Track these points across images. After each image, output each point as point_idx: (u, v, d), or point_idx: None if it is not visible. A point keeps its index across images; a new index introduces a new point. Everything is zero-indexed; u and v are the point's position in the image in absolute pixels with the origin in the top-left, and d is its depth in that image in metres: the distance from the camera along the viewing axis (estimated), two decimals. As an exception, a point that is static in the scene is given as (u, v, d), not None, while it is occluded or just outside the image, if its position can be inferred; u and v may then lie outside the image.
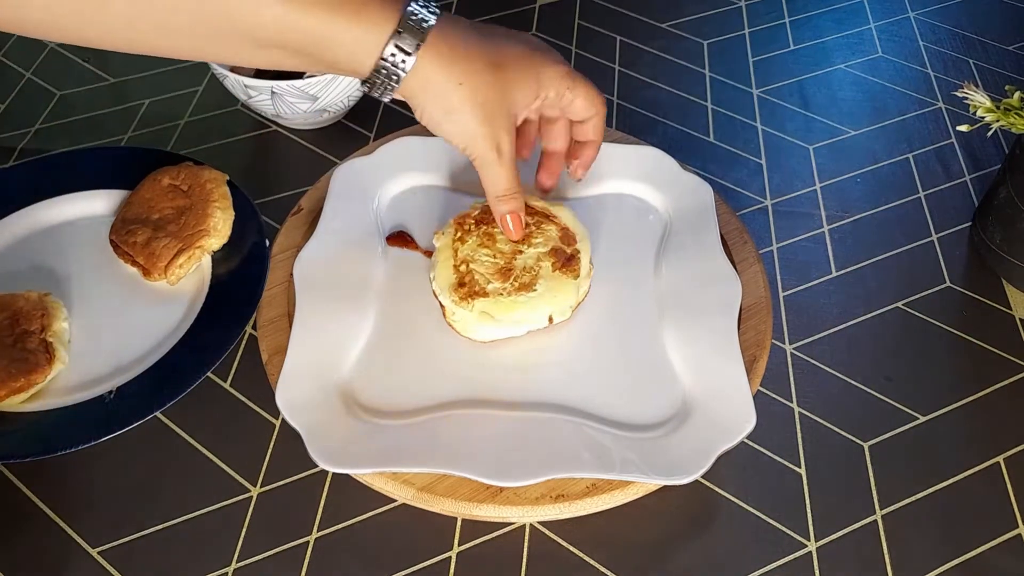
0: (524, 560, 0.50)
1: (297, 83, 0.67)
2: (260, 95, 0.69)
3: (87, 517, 0.51)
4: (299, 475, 0.53)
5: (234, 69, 0.71)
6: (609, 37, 0.85)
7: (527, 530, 0.51)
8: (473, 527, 0.51)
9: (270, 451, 0.54)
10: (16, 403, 0.54)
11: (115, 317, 0.59)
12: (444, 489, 0.49)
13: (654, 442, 0.51)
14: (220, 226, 0.61)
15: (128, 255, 0.61)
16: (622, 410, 0.53)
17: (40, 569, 0.49)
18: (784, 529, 0.51)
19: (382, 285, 0.60)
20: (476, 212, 0.58)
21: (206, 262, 0.62)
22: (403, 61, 0.44)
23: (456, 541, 0.50)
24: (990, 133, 0.60)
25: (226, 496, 0.52)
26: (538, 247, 0.56)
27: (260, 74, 0.75)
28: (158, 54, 0.43)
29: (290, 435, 0.51)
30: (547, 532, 0.51)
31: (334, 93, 0.70)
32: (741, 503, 0.52)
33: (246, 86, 0.68)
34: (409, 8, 0.44)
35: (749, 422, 0.50)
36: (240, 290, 0.59)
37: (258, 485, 0.53)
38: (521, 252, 0.56)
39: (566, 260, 0.56)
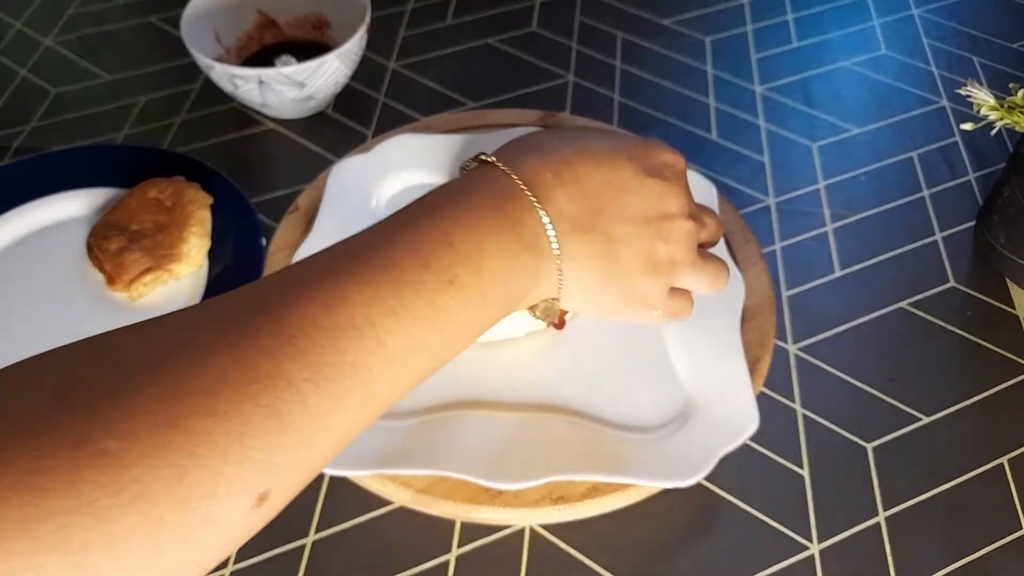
0: (524, 563, 0.49)
1: (285, 70, 0.67)
2: (247, 84, 0.68)
3: (82, 519, 0.51)
4: (296, 477, 0.52)
5: (219, 59, 0.69)
6: (610, 34, 0.84)
7: (527, 533, 0.50)
8: (472, 530, 0.50)
9: (267, 452, 0.54)
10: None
11: (115, 317, 0.59)
12: (443, 491, 0.49)
13: (655, 444, 0.50)
14: (193, 253, 0.60)
15: (98, 260, 0.60)
16: (623, 411, 0.52)
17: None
18: (786, 531, 0.51)
19: (380, 284, 0.59)
20: None
21: (203, 261, 0.61)
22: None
23: (455, 544, 0.50)
24: (994, 131, 0.59)
25: (223, 498, 0.52)
26: None
27: (246, 62, 0.76)
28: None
29: (287, 436, 0.51)
30: (547, 535, 0.50)
31: (321, 79, 0.69)
32: (743, 505, 0.52)
33: (233, 75, 0.67)
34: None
35: (752, 423, 0.50)
36: (237, 289, 0.59)
37: (255, 487, 0.52)
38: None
39: None
